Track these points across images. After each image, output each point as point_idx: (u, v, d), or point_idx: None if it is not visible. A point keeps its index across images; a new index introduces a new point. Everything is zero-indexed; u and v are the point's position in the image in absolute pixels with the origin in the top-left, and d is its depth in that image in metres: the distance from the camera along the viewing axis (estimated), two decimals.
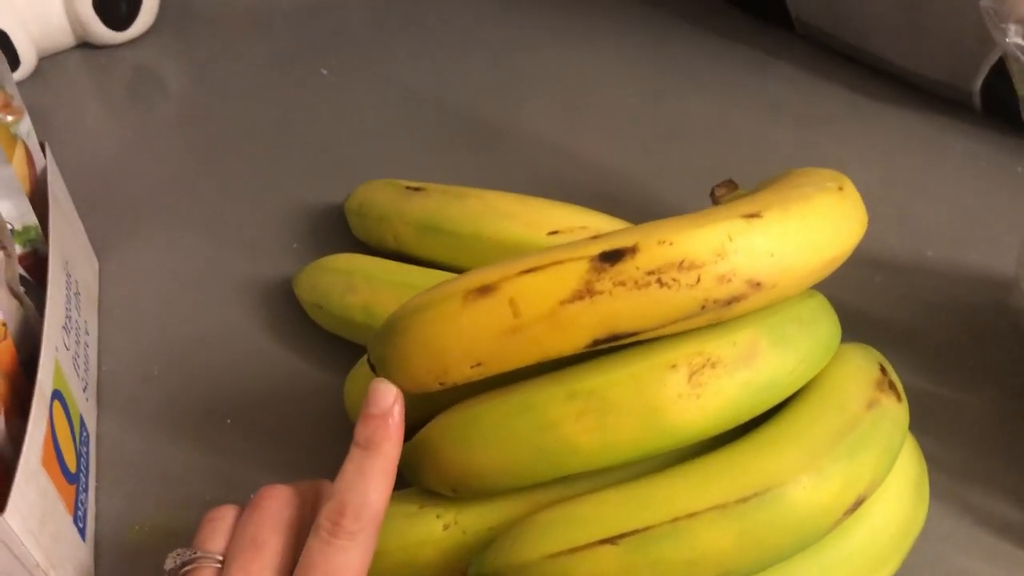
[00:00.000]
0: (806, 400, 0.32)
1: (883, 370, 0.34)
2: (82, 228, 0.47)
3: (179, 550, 0.31)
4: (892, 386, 0.34)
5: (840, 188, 0.32)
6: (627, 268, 0.29)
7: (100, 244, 0.50)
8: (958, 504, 0.38)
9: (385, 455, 0.30)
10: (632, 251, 0.29)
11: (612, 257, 0.29)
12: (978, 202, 0.51)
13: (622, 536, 0.29)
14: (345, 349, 0.42)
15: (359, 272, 0.41)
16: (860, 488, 0.31)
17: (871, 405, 0.32)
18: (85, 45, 0.66)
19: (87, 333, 0.43)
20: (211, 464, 0.41)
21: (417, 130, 0.58)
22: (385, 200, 0.45)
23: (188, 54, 0.66)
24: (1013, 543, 0.37)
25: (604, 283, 0.29)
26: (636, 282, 0.29)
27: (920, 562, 0.36)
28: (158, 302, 0.48)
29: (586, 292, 0.29)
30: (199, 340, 0.46)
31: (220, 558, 0.31)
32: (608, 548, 0.29)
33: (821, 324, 0.34)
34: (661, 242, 0.29)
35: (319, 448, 0.40)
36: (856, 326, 0.45)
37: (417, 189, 0.45)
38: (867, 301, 0.46)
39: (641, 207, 0.51)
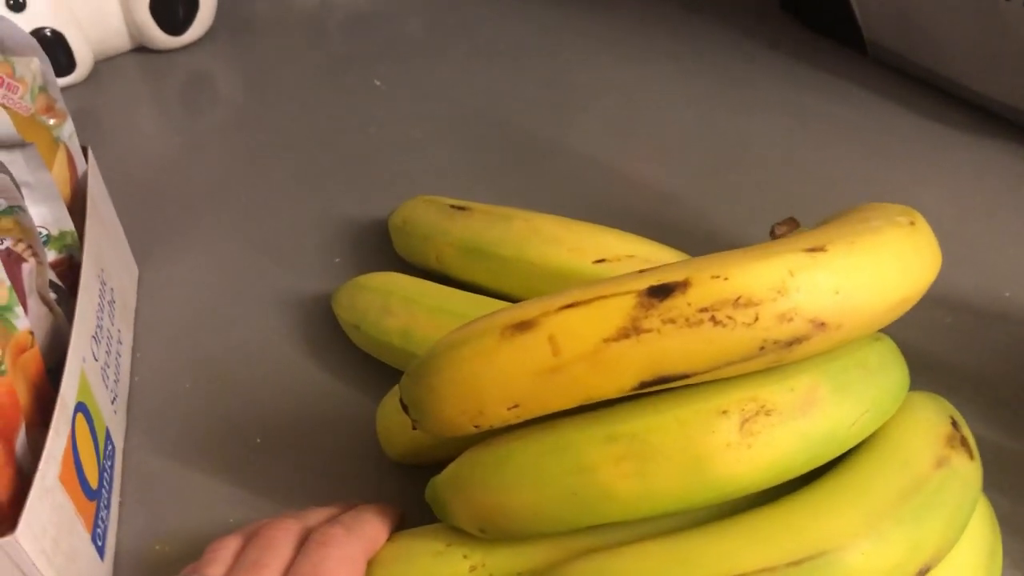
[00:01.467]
0: (868, 454, 0.30)
1: (955, 424, 0.31)
2: (123, 235, 0.46)
3: (180, 574, 0.30)
4: (964, 442, 0.31)
5: (912, 223, 0.30)
6: (678, 304, 0.27)
7: (141, 251, 0.49)
8: None
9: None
10: (683, 286, 0.27)
11: (661, 292, 0.27)
12: None
13: None
14: (382, 371, 0.41)
15: (397, 293, 0.40)
16: (925, 556, 0.28)
17: (940, 464, 0.30)
18: (141, 49, 0.66)
19: (120, 343, 0.42)
20: (237, 484, 0.39)
21: (467, 145, 0.56)
22: (429, 219, 0.44)
23: (242, 60, 0.65)
24: None
25: (652, 320, 0.27)
26: (687, 320, 0.27)
27: None
28: (195, 313, 0.47)
29: (632, 330, 0.27)
30: (234, 354, 0.45)
31: None
32: None
33: (889, 371, 0.31)
34: (715, 276, 0.27)
35: (347, 474, 0.39)
36: (923, 372, 0.42)
37: (462, 208, 0.43)
38: (936, 344, 0.43)
39: (694, 236, 0.48)
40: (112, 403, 0.39)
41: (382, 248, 0.48)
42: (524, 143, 0.56)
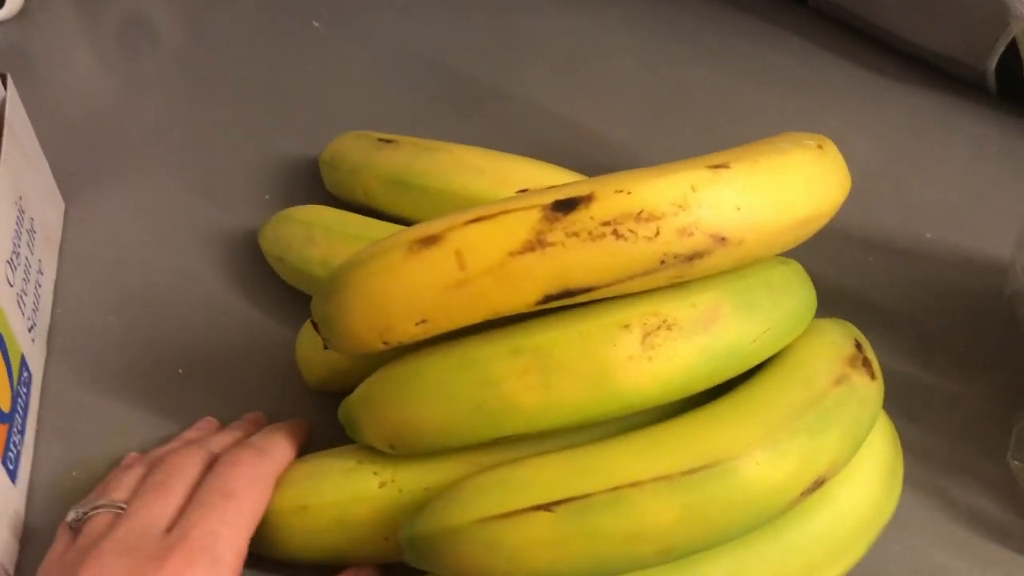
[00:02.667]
0: (770, 372, 0.31)
1: (858, 346, 0.32)
2: (47, 168, 0.46)
3: (82, 501, 0.30)
4: (866, 363, 0.32)
5: (820, 147, 0.30)
6: (581, 218, 0.27)
7: (70, 187, 0.48)
8: (935, 495, 0.36)
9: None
10: (587, 200, 0.27)
11: (566, 206, 0.27)
12: (984, 186, 0.49)
13: (558, 503, 0.27)
14: (306, 303, 0.40)
15: (319, 224, 0.40)
16: (820, 468, 0.29)
17: (840, 381, 0.30)
18: None
19: (40, 273, 0.42)
20: (159, 413, 0.39)
21: (408, 87, 0.56)
22: (356, 153, 0.43)
23: (178, 3, 0.64)
24: (992, 539, 0.35)
25: (556, 234, 0.27)
26: (590, 233, 0.27)
27: (889, 552, 0.34)
28: (122, 249, 0.46)
29: (537, 243, 0.27)
30: (160, 289, 0.44)
31: (123, 506, 0.29)
32: (542, 515, 0.27)
33: (793, 293, 0.31)
34: (618, 191, 0.27)
35: (268, 402, 0.39)
36: (845, 306, 0.43)
37: (388, 141, 0.43)
38: (859, 281, 0.44)
39: None
40: (29, 331, 0.39)
41: (313, 185, 0.48)
42: (466, 87, 0.56)
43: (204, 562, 0.28)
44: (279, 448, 0.33)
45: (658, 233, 0.27)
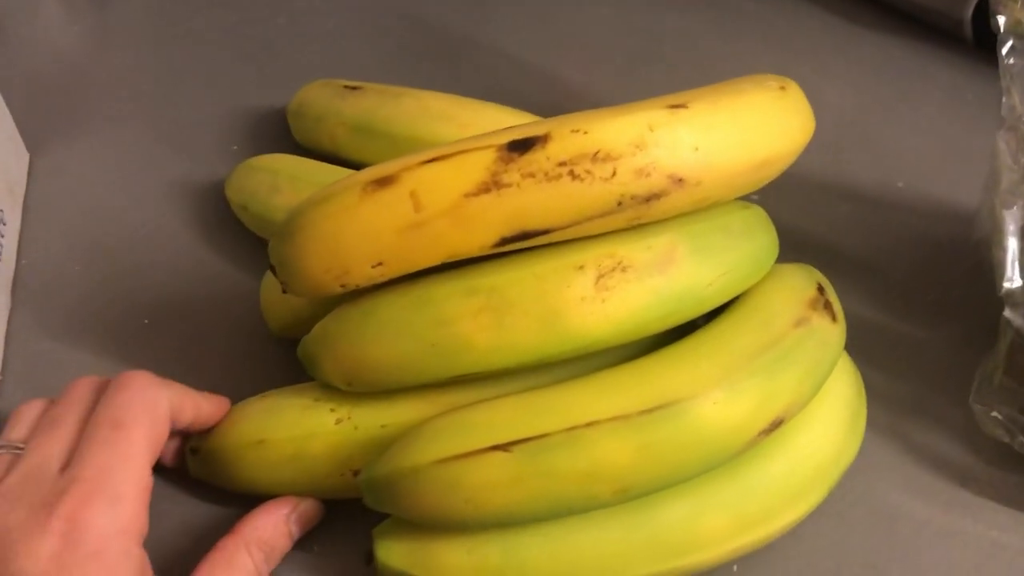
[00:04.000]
0: (730, 315, 0.31)
1: (820, 289, 0.32)
2: (8, 117, 0.45)
3: None
4: (828, 306, 0.32)
5: (782, 88, 0.30)
6: (537, 158, 0.27)
7: (35, 139, 0.48)
8: (899, 439, 0.36)
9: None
10: (543, 140, 0.27)
11: (521, 146, 0.27)
12: (958, 135, 0.49)
13: (514, 443, 0.27)
14: None
15: (284, 172, 0.39)
16: (777, 408, 0.29)
17: (800, 323, 0.30)
18: None
19: (3, 224, 0.41)
20: (124, 362, 0.39)
21: (379, 37, 0.55)
22: (322, 100, 0.43)
23: None
24: (952, 482, 0.35)
25: (512, 175, 0.27)
26: (546, 174, 0.27)
27: (852, 494, 0.34)
28: (88, 200, 0.46)
29: (492, 184, 0.27)
30: (127, 240, 0.44)
31: (20, 446, 0.29)
32: (499, 455, 0.27)
33: (753, 237, 0.31)
34: (575, 131, 0.27)
35: (232, 350, 0.39)
36: (816, 253, 0.43)
37: (354, 88, 0.42)
38: (830, 229, 0.44)
39: None
40: None
41: (280, 135, 0.48)
42: (438, 36, 0.55)
43: (100, 501, 0.27)
44: (177, 384, 0.32)
45: (615, 173, 0.27)
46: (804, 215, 0.44)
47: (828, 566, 0.33)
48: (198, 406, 0.32)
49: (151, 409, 0.30)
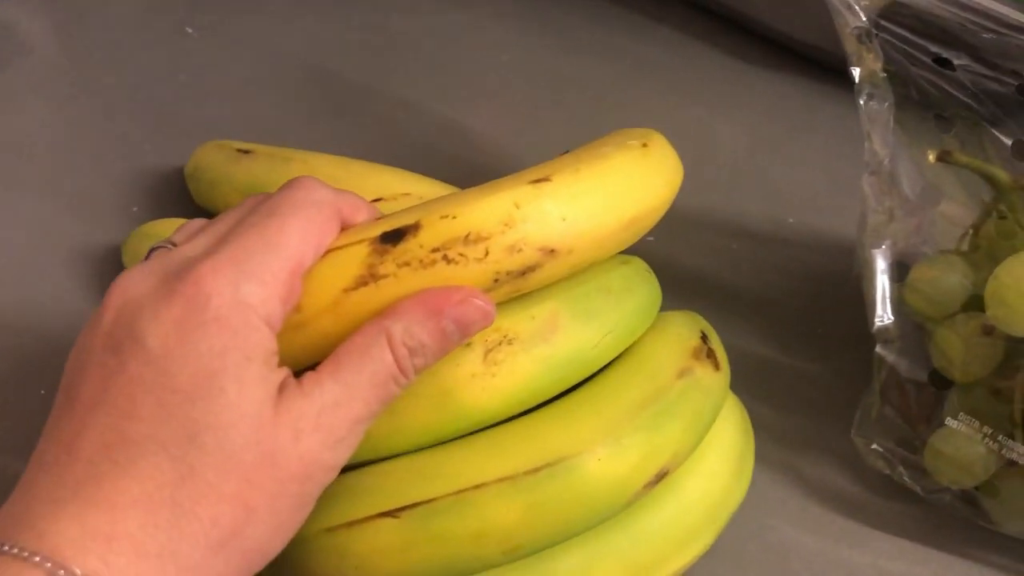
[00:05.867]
0: (614, 369, 0.31)
1: (704, 338, 0.33)
2: None
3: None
4: (711, 354, 0.33)
5: (644, 145, 0.31)
6: (410, 248, 0.27)
7: None
8: (789, 474, 0.38)
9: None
10: (414, 229, 0.27)
11: (393, 237, 0.27)
12: (845, 169, 0.51)
13: (403, 509, 0.28)
14: None
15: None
16: (662, 460, 0.30)
17: (682, 374, 0.31)
18: None
19: None
20: (17, 432, 0.38)
21: (282, 93, 0.56)
22: (216, 164, 0.43)
23: (50, 9, 0.62)
24: (840, 513, 0.37)
25: (388, 266, 0.27)
26: (421, 261, 0.27)
27: (746, 532, 0.35)
28: None
29: (370, 277, 0.27)
30: (21, 308, 0.44)
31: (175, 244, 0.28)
32: (388, 521, 0.28)
33: (635, 292, 0.32)
34: (444, 216, 0.27)
35: None
36: (707, 294, 0.44)
37: (246, 152, 0.43)
38: (723, 269, 0.46)
39: (499, 173, 0.49)
40: None
41: (183, 197, 0.48)
42: (342, 90, 0.56)
43: (231, 273, 0.25)
44: (352, 194, 0.30)
45: (487, 253, 0.27)
46: (697, 254, 0.46)
47: None
48: (372, 213, 0.30)
49: (311, 203, 0.27)
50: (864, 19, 0.33)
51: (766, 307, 0.43)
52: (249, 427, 0.24)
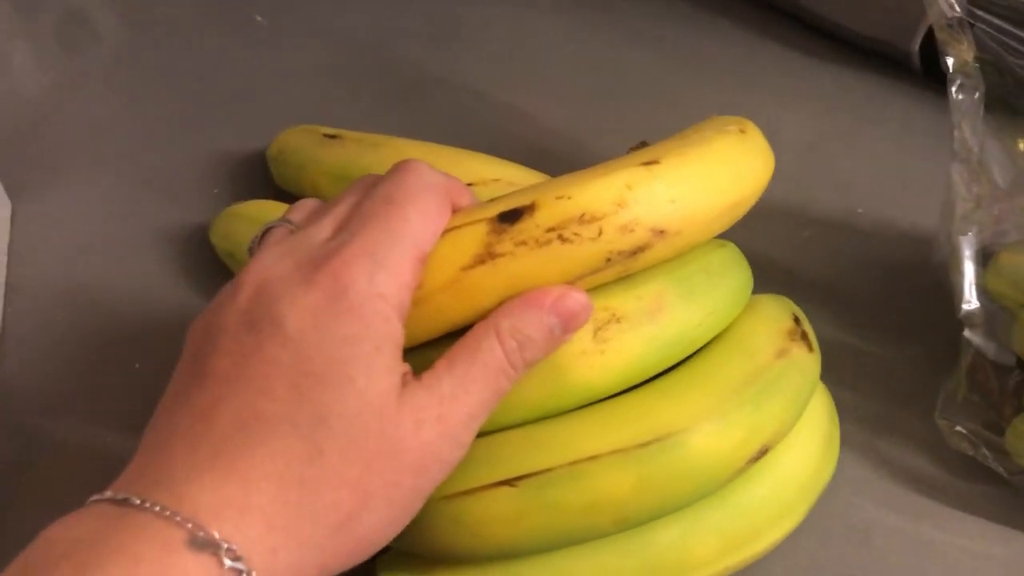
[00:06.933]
0: (715, 349, 0.32)
1: (796, 320, 0.34)
2: None
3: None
4: (804, 336, 0.33)
5: (742, 131, 0.32)
6: (527, 227, 0.28)
7: (16, 187, 0.48)
8: (872, 455, 0.38)
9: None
10: (531, 209, 0.28)
11: (511, 217, 0.28)
12: (912, 161, 0.51)
13: (520, 478, 0.28)
14: None
15: (268, 221, 0.40)
16: (764, 437, 0.31)
17: (780, 354, 0.32)
18: None
19: None
20: (114, 407, 0.40)
21: (351, 78, 0.56)
22: (303, 148, 0.44)
23: None
24: (922, 494, 0.37)
25: (505, 245, 0.28)
26: (537, 240, 0.28)
27: (830, 511, 0.36)
28: (72, 247, 0.47)
29: (487, 256, 0.28)
30: (113, 286, 0.45)
31: (296, 224, 0.29)
32: (504, 490, 0.28)
33: (731, 274, 0.33)
34: (559, 197, 0.28)
35: None
36: (783, 281, 0.45)
37: (334, 137, 0.44)
38: (795, 257, 0.46)
39: (569, 163, 0.50)
40: None
41: (261, 180, 0.49)
42: (408, 77, 0.57)
43: (364, 263, 0.26)
44: (455, 178, 0.31)
45: (601, 233, 0.28)
46: (771, 244, 0.47)
47: None
48: (472, 197, 0.31)
49: (428, 194, 0.29)
50: (959, 9, 0.34)
51: (840, 295, 0.44)
52: (374, 415, 0.25)
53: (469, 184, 0.39)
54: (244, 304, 0.26)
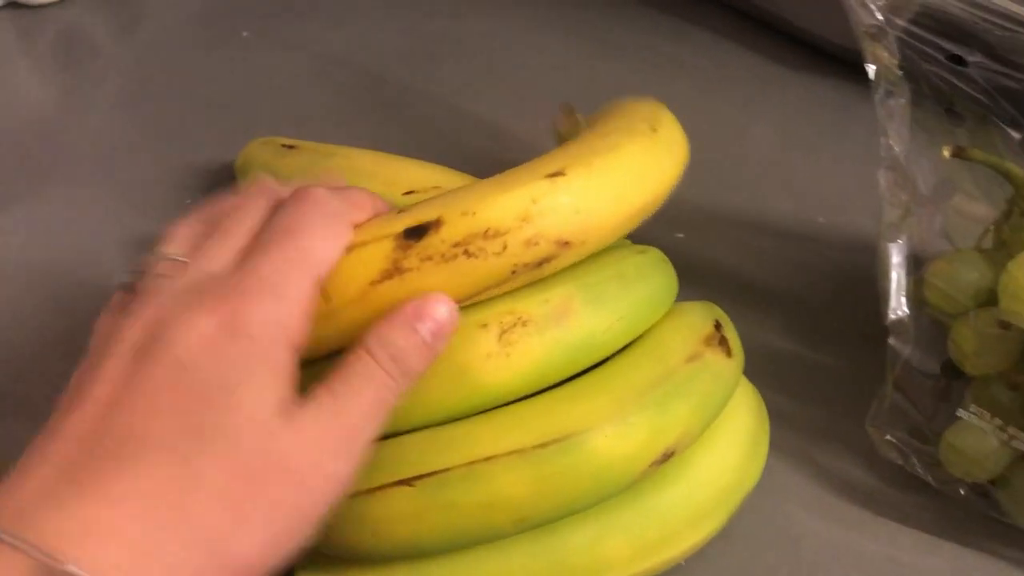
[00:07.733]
0: (626, 354, 0.33)
1: (717, 326, 0.34)
2: None
3: (134, 263, 0.30)
4: (723, 342, 0.34)
5: (653, 129, 0.32)
6: (433, 243, 0.29)
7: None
8: (807, 463, 0.38)
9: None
10: (436, 225, 0.29)
11: (416, 233, 0.29)
12: (876, 171, 0.51)
13: (418, 478, 0.29)
14: None
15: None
16: (669, 440, 0.31)
17: (692, 359, 0.32)
18: (11, 4, 0.66)
19: None
20: None
21: (331, 93, 0.58)
22: (263, 159, 0.46)
23: (114, 13, 0.66)
24: (854, 502, 0.37)
25: (411, 260, 0.29)
26: (443, 256, 0.29)
27: (760, 517, 0.36)
28: (49, 258, 0.48)
29: (395, 271, 0.29)
30: (86, 295, 0.46)
31: (182, 259, 0.29)
32: (404, 489, 0.29)
33: (649, 281, 0.33)
34: (464, 213, 0.29)
35: None
36: (733, 289, 0.45)
37: (291, 147, 0.45)
38: (752, 265, 0.46)
39: None
40: None
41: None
42: (387, 91, 0.58)
43: (269, 298, 0.27)
44: (356, 194, 0.31)
45: (506, 247, 0.29)
46: (725, 251, 0.47)
47: None
48: (366, 212, 0.31)
49: (330, 223, 0.29)
50: (879, 17, 0.34)
51: (789, 302, 0.44)
52: (259, 435, 0.25)
53: (409, 192, 0.41)
54: (134, 338, 0.27)
